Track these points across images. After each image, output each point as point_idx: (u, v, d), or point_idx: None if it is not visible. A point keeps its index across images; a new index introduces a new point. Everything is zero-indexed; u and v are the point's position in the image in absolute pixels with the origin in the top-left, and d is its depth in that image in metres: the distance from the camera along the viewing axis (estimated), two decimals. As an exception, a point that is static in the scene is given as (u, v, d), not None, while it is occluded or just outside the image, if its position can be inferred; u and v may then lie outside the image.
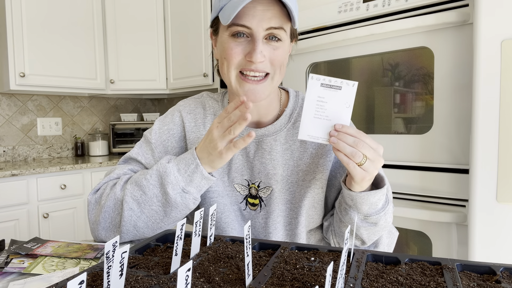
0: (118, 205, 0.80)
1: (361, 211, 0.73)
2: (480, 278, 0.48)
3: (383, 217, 0.75)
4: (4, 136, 2.61)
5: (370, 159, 0.66)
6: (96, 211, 0.83)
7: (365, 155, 0.66)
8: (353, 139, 0.66)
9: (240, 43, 0.75)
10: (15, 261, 0.68)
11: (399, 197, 1.50)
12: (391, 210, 0.78)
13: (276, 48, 0.76)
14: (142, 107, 3.42)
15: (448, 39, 1.35)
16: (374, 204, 0.72)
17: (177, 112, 0.91)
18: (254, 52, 0.73)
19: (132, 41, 2.77)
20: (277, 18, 0.73)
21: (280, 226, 0.85)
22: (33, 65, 2.38)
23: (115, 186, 0.82)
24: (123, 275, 0.42)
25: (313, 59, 1.74)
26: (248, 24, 0.72)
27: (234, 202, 0.87)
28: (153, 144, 0.88)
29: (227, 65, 0.77)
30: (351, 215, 0.75)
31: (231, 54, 0.75)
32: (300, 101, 0.89)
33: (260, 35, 0.73)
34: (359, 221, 0.75)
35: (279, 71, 0.78)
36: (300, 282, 0.46)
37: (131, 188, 0.79)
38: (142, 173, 0.81)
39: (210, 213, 0.60)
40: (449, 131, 1.36)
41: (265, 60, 0.75)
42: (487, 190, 1.19)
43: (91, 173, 2.41)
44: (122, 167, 0.88)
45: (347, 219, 0.77)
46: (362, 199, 0.71)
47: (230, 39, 0.75)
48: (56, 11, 2.48)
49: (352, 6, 1.57)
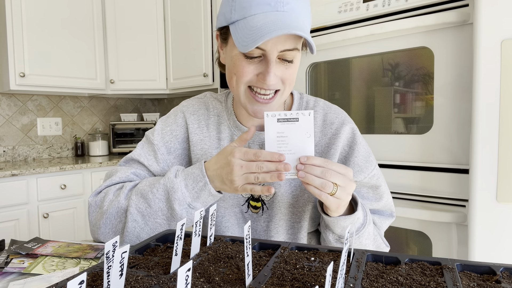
0: (121, 213, 0.79)
1: (335, 232, 0.76)
2: (480, 278, 0.48)
3: (357, 240, 0.77)
4: (4, 136, 2.61)
5: (341, 186, 0.67)
6: (97, 215, 0.82)
7: (335, 183, 0.66)
8: (321, 170, 0.66)
9: (252, 62, 0.73)
10: (15, 261, 0.68)
11: (399, 197, 1.50)
12: (369, 232, 0.79)
13: (288, 67, 0.74)
14: (142, 107, 3.42)
15: (448, 39, 1.35)
16: (346, 228, 0.74)
17: (180, 113, 0.90)
18: (268, 74, 0.71)
19: (132, 41, 2.77)
20: (291, 40, 0.71)
21: (282, 230, 0.85)
22: (33, 65, 2.38)
23: (119, 193, 0.81)
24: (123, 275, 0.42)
25: (313, 59, 1.74)
26: (262, 47, 0.70)
27: (236, 204, 0.87)
28: (155, 146, 0.87)
29: (236, 80, 0.75)
30: (327, 234, 0.78)
31: (243, 73, 0.73)
32: (304, 103, 0.88)
33: (274, 56, 0.71)
34: (334, 241, 0.78)
35: (289, 86, 0.77)
36: (300, 282, 0.46)
37: (136, 199, 0.78)
38: (148, 184, 0.79)
39: (210, 213, 0.60)
40: (449, 131, 1.36)
41: (277, 80, 0.74)
42: (487, 190, 1.19)
43: (91, 173, 2.41)
44: (125, 169, 0.87)
45: (324, 237, 0.80)
46: (334, 223, 0.74)
47: (242, 57, 0.73)
48: (56, 11, 2.48)
49: (352, 6, 1.57)
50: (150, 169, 0.87)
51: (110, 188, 0.84)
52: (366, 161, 0.83)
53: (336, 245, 0.76)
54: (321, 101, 0.89)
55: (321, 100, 0.89)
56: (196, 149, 0.87)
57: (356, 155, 0.82)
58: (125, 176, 0.86)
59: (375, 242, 0.83)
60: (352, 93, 1.65)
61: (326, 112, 0.86)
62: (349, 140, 0.83)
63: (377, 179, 0.84)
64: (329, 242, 0.78)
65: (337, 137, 0.82)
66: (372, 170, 0.83)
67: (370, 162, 0.83)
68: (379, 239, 0.85)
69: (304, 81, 1.78)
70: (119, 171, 0.86)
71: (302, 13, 0.71)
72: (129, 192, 0.80)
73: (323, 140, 0.84)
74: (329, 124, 0.84)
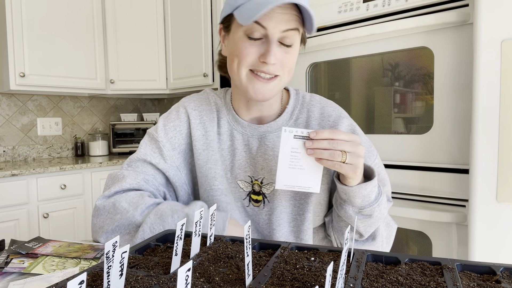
0: (132, 227, 0.78)
1: (355, 204, 0.76)
2: (480, 278, 0.48)
3: (377, 209, 0.77)
4: (4, 136, 2.61)
5: (350, 152, 0.68)
6: (103, 220, 0.80)
7: (344, 151, 0.68)
8: (327, 142, 0.68)
9: (254, 43, 0.75)
10: (15, 261, 0.68)
11: (399, 197, 1.50)
12: (384, 201, 0.80)
13: (287, 52, 0.76)
14: (142, 107, 3.42)
15: (448, 39, 1.35)
16: (366, 197, 0.74)
17: (182, 108, 0.90)
18: (268, 54, 0.73)
19: (132, 41, 2.77)
20: (294, 21, 0.73)
21: (284, 223, 0.85)
22: (33, 65, 2.38)
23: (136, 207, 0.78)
24: (123, 275, 0.42)
25: (313, 59, 1.74)
26: (265, 25, 0.72)
27: (238, 199, 0.87)
28: (160, 142, 0.87)
29: (238, 62, 0.77)
30: (346, 209, 0.78)
31: (245, 54, 0.75)
32: (301, 98, 0.89)
33: (275, 37, 0.73)
34: (354, 214, 0.77)
35: (288, 73, 0.79)
36: (300, 282, 0.46)
37: (154, 219, 0.76)
38: (170, 208, 0.77)
39: (210, 213, 0.60)
40: (449, 131, 1.36)
41: (277, 62, 0.76)
42: (487, 190, 1.19)
43: (91, 173, 2.41)
44: (134, 175, 0.84)
45: (343, 213, 0.79)
46: (355, 192, 0.73)
47: (244, 38, 0.75)
48: (56, 11, 2.48)
49: (352, 6, 1.57)
50: (158, 167, 0.86)
51: (122, 196, 0.81)
52: (369, 151, 0.85)
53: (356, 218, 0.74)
54: (317, 96, 0.91)
55: (317, 96, 0.91)
56: (198, 144, 0.87)
57: None
58: (136, 183, 0.84)
59: (385, 218, 0.85)
60: (352, 93, 1.65)
61: (323, 106, 0.88)
62: (350, 132, 0.84)
63: (378, 167, 0.87)
64: (349, 217, 0.78)
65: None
66: (374, 159, 0.86)
67: (372, 152, 0.86)
68: (388, 216, 0.88)
69: (304, 81, 1.78)
70: (128, 177, 0.84)
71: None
72: (147, 210, 0.79)
73: None
74: (327, 116, 0.86)
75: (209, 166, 0.87)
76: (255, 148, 0.86)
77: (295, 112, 0.87)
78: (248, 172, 0.87)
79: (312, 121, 0.86)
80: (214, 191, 0.86)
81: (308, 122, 0.86)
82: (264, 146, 0.85)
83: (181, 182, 0.89)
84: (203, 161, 0.87)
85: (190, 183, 0.92)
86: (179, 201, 0.90)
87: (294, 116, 0.87)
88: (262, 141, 0.86)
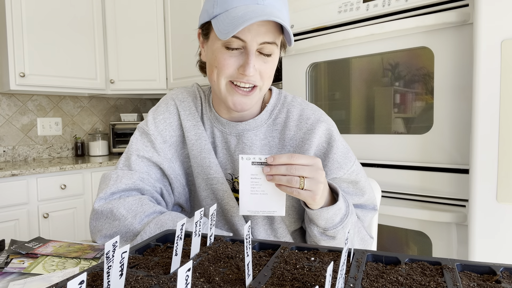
0: (130, 235, 0.78)
1: (319, 225, 0.76)
2: (480, 278, 0.48)
3: (341, 231, 0.76)
4: (4, 136, 2.61)
5: (308, 178, 0.67)
6: (102, 224, 0.80)
7: (302, 176, 0.67)
8: (285, 167, 0.67)
9: (233, 54, 0.75)
10: (15, 261, 0.68)
11: (399, 197, 1.50)
12: (353, 221, 0.79)
13: (266, 62, 0.77)
14: (142, 107, 3.42)
15: (448, 39, 1.35)
16: (330, 219, 0.74)
17: (170, 101, 0.91)
18: (247, 65, 0.74)
19: (132, 41, 2.77)
20: (271, 33, 0.74)
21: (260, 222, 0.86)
22: (33, 65, 2.38)
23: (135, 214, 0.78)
24: (123, 275, 0.42)
25: (313, 59, 1.74)
26: (243, 38, 0.72)
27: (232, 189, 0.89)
28: (152, 135, 0.87)
29: (217, 73, 0.77)
30: (311, 228, 0.78)
31: (224, 65, 0.75)
32: (282, 98, 0.89)
33: (254, 48, 0.74)
34: (319, 235, 0.78)
35: (267, 81, 0.80)
36: (300, 282, 0.46)
37: (154, 228, 0.75)
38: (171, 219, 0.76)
39: (210, 213, 0.60)
40: (449, 131, 1.36)
41: (256, 73, 0.76)
42: (487, 190, 1.19)
43: (91, 173, 2.41)
44: (129, 175, 0.84)
45: (309, 231, 0.80)
46: (317, 215, 0.74)
47: (223, 49, 0.75)
48: (56, 11, 2.47)
49: (352, 6, 1.57)
50: (152, 160, 0.86)
51: (121, 202, 0.80)
52: (345, 157, 0.84)
53: (321, 238, 0.75)
54: (299, 98, 0.90)
55: (299, 98, 0.91)
56: (190, 134, 0.88)
57: (335, 152, 0.83)
58: (132, 183, 0.83)
59: (359, 233, 0.84)
60: (352, 93, 1.65)
61: (303, 108, 0.87)
62: (327, 137, 0.83)
63: (357, 175, 0.85)
64: (314, 236, 0.78)
65: (312, 133, 0.83)
66: (351, 166, 0.84)
67: (349, 158, 0.84)
68: (363, 231, 0.86)
69: (304, 81, 1.78)
70: (124, 177, 0.84)
71: (282, 9, 0.75)
72: (146, 219, 0.78)
73: (298, 134, 0.85)
74: (305, 119, 0.85)
75: (203, 156, 0.87)
76: (233, 146, 0.86)
77: (275, 111, 0.87)
78: (228, 169, 0.87)
79: (290, 122, 0.85)
80: (210, 180, 0.87)
81: (286, 122, 0.86)
82: (242, 144, 0.85)
83: (175, 173, 0.90)
84: (197, 151, 0.88)
85: (183, 174, 0.92)
86: (174, 193, 0.90)
87: (273, 115, 0.87)
88: (240, 139, 0.86)
